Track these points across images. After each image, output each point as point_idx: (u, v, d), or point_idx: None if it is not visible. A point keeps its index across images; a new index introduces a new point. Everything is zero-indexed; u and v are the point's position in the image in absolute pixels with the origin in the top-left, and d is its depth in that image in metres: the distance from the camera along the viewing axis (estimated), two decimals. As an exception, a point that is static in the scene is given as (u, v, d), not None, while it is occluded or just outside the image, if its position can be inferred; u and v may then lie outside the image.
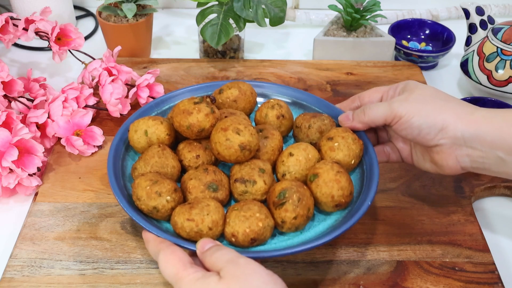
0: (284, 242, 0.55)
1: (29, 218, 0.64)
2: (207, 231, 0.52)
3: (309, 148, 0.60)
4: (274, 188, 0.56)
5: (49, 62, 0.95)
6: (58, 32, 0.81)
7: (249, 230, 0.52)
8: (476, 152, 0.54)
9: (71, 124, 0.73)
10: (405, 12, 1.06)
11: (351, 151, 0.60)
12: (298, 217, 0.54)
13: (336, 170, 0.56)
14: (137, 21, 0.89)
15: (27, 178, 0.66)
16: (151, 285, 0.57)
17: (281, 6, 0.85)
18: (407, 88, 0.60)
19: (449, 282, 0.58)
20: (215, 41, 0.84)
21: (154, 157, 0.58)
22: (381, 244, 0.62)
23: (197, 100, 0.59)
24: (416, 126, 0.56)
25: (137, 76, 0.81)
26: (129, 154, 0.64)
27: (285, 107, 0.66)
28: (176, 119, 0.59)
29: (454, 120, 0.55)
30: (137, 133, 0.61)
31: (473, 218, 0.65)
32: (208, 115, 0.58)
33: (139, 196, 0.54)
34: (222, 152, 0.57)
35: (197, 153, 0.60)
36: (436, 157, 0.57)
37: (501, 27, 0.83)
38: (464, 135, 0.54)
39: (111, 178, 0.58)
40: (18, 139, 0.65)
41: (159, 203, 0.54)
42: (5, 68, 0.75)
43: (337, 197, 0.55)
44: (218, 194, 0.56)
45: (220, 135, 0.56)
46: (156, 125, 0.61)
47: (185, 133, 0.59)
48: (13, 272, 0.58)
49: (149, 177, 0.55)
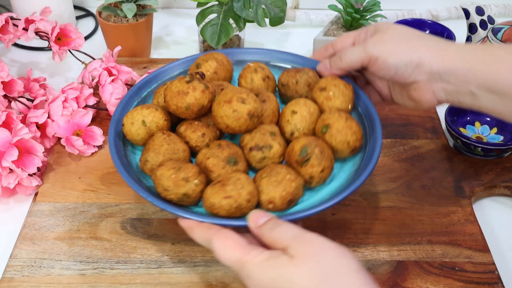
0: (314, 197, 0.56)
1: (29, 218, 0.64)
2: (246, 204, 0.51)
3: (308, 102, 0.60)
4: (292, 148, 0.56)
5: (49, 62, 0.95)
6: (58, 32, 0.81)
7: (285, 193, 0.52)
8: (450, 86, 0.56)
9: (71, 124, 0.73)
10: (405, 12, 1.06)
11: (346, 96, 0.61)
12: (324, 169, 0.55)
13: (345, 117, 0.58)
14: (137, 21, 0.89)
15: (27, 178, 0.66)
16: (151, 285, 0.57)
17: (281, 6, 0.85)
18: (379, 29, 0.60)
19: (449, 282, 0.58)
20: (215, 41, 0.84)
21: (163, 145, 0.56)
22: (381, 244, 0.62)
23: (188, 79, 0.57)
24: (392, 65, 0.57)
25: (137, 76, 0.81)
26: (128, 148, 0.61)
27: (266, 68, 0.66)
28: (172, 102, 0.57)
29: (429, 56, 0.56)
30: (135, 125, 0.59)
31: (473, 218, 0.65)
32: (204, 91, 0.57)
33: (166, 187, 0.52)
34: (231, 124, 0.56)
35: (201, 132, 0.59)
36: (414, 94, 0.59)
37: (501, 27, 0.83)
38: (439, 70, 0.56)
39: (128, 178, 0.54)
40: (18, 139, 0.65)
41: (189, 188, 0.52)
42: (5, 68, 0.75)
43: (352, 142, 0.57)
44: (239, 166, 0.56)
45: (226, 108, 0.55)
46: (152, 113, 0.59)
47: (184, 114, 0.58)
48: (13, 272, 0.58)
49: (170, 165, 0.53)
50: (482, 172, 0.71)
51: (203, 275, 0.58)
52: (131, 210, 0.65)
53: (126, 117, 0.60)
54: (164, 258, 0.60)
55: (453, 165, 0.72)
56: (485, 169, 0.71)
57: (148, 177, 0.58)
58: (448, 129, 0.74)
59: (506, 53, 0.53)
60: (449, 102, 0.58)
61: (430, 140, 0.76)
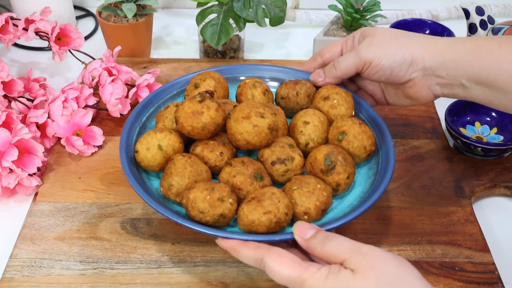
0: (342, 204, 0.57)
1: (29, 218, 0.64)
2: (284, 217, 0.51)
3: (316, 112, 0.61)
4: (315, 157, 0.56)
5: (49, 62, 0.95)
6: (58, 32, 0.81)
7: (319, 203, 0.53)
8: (443, 80, 0.57)
9: (71, 124, 0.73)
10: (405, 12, 1.06)
11: (349, 103, 0.63)
12: (350, 175, 0.56)
13: (358, 123, 0.59)
14: (137, 21, 0.89)
15: (27, 178, 0.66)
16: (151, 285, 0.57)
17: (281, 6, 0.85)
18: (366, 34, 0.61)
19: (449, 282, 0.58)
20: (215, 41, 0.84)
21: (187, 168, 0.55)
22: (381, 244, 0.62)
23: (200, 99, 0.57)
24: (387, 66, 0.58)
25: (137, 76, 0.81)
26: (142, 175, 0.59)
27: (263, 82, 0.67)
28: (187, 123, 0.56)
29: (421, 52, 0.57)
30: (150, 150, 0.57)
31: (473, 218, 0.65)
32: (218, 110, 0.57)
33: (202, 209, 0.51)
34: (252, 139, 0.56)
35: (219, 151, 0.58)
36: (410, 92, 0.60)
37: (501, 27, 0.83)
38: (431, 65, 0.57)
39: (159, 207, 0.53)
40: (18, 139, 0.65)
41: (225, 208, 0.51)
42: (5, 68, 0.75)
43: (368, 147, 0.59)
44: (265, 181, 0.56)
45: (245, 124, 0.55)
46: (167, 136, 0.57)
47: (200, 134, 0.57)
48: (13, 272, 0.58)
49: (203, 187, 0.52)
50: (482, 172, 0.71)
51: (203, 275, 0.58)
52: (131, 210, 0.65)
53: (139, 143, 0.58)
54: (164, 258, 0.60)
55: (453, 165, 0.72)
56: (485, 169, 0.71)
57: (171, 202, 0.57)
58: (448, 129, 0.74)
59: (491, 45, 0.54)
60: (444, 96, 0.59)
61: (430, 140, 0.76)
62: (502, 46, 0.53)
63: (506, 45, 0.53)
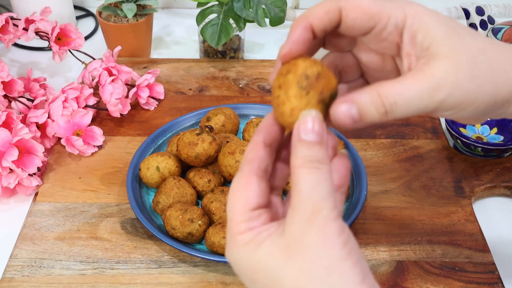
0: None
1: (29, 218, 0.64)
2: None
3: None
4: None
5: (49, 62, 0.95)
6: (58, 32, 0.81)
7: None
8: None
9: (71, 124, 0.73)
10: (405, 12, 1.06)
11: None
12: None
13: None
14: (137, 21, 0.89)
15: (27, 178, 0.66)
16: (151, 285, 0.57)
17: (281, 6, 0.85)
18: (431, 48, 0.36)
19: (449, 282, 0.58)
20: (215, 41, 0.84)
21: (174, 189, 0.63)
22: (381, 244, 0.62)
23: (198, 132, 0.65)
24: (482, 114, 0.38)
25: (137, 76, 0.81)
26: (143, 190, 0.67)
27: None
28: (184, 151, 0.64)
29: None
30: (150, 170, 0.65)
31: (473, 218, 0.65)
32: (211, 143, 0.64)
33: (174, 226, 0.59)
34: (234, 173, 0.63)
35: (208, 178, 0.65)
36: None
37: (501, 27, 0.83)
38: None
39: (144, 220, 0.60)
40: (18, 139, 0.65)
41: (193, 228, 0.59)
42: (5, 68, 0.74)
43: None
44: None
45: (229, 158, 0.63)
46: (165, 160, 0.65)
47: (193, 162, 0.65)
48: (13, 272, 0.58)
49: (178, 207, 0.60)
50: (482, 172, 0.71)
51: (203, 275, 0.58)
52: (131, 210, 0.65)
53: (142, 162, 0.66)
54: (164, 258, 0.60)
55: (453, 165, 0.72)
56: (485, 169, 0.71)
57: (159, 216, 0.64)
58: (448, 129, 0.74)
59: None
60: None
61: (430, 140, 0.76)
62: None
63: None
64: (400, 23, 0.36)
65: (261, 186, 0.35)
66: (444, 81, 0.34)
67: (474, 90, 0.35)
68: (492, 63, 0.36)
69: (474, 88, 0.35)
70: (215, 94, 0.84)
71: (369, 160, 0.72)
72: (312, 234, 0.32)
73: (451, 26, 0.36)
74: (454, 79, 0.34)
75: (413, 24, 0.35)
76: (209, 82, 0.87)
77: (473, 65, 0.35)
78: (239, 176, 0.36)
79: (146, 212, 0.63)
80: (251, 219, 0.34)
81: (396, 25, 0.36)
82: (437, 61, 0.35)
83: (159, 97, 0.82)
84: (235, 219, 0.35)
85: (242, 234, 0.34)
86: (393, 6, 0.36)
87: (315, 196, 0.32)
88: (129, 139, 0.76)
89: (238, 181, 0.36)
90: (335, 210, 0.33)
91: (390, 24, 0.36)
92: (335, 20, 0.37)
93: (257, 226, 0.34)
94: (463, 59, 0.35)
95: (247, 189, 0.35)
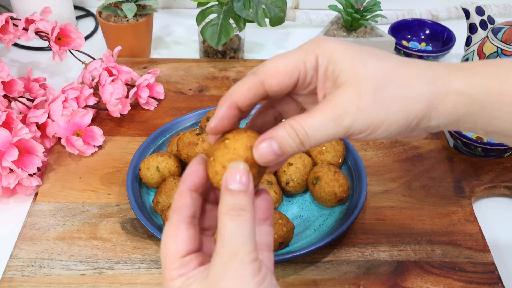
0: (302, 241, 0.61)
1: (29, 218, 0.64)
2: None
3: (303, 156, 0.67)
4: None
5: (49, 62, 0.95)
6: (58, 32, 0.81)
7: (276, 236, 0.57)
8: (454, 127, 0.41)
9: (71, 124, 0.73)
10: (405, 12, 1.06)
11: (337, 151, 0.68)
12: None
13: (333, 171, 0.64)
14: (137, 21, 0.89)
15: (27, 178, 0.66)
16: (151, 285, 0.57)
17: (281, 6, 0.85)
18: (340, 76, 0.38)
19: (449, 282, 0.58)
20: (215, 41, 0.84)
21: (174, 189, 0.62)
22: (381, 244, 0.62)
23: (198, 132, 0.65)
24: (385, 137, 0.39)
25: (137, 76, 0.81)
26: (143, 190, 0.67)
27: None
28: (184, 151, 0.65)
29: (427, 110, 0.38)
30: (150, 170, 0.65)
31: (473, 218, 0.65)
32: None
33: None
34: None
35: None
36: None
37: (501, 27, 0.83)
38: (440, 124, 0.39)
39: (144, 220, 0.60)
40: (18, 139, 0.65)
41: None
42: (5, 68, 0.74)
43: (339, 194, 0.63)
44: None
45: None
46: (165, 160, 0.65)
47: None
48: (13, 272, 0.58)
49: None
50: (482, 172, 0.71)
51: (203, 275, 0.58)
52: (131, 210, 0.65)
53: (142, 162, 0.66)
54: (164, 258, 0.60)
55: (453, 165, 0.72)
56: (485, 169, 0.71)
57: (159, 216, 0.63)
58: (448, 129, 0.74)
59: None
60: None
61: (430, 140, 0.76)
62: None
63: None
64: (315, 64, 0.38)
65: (189, 232, 0.37)
66: (348, 108, 0.36)
67: (380, 112, 0.36)
68: (399, 82, 0.37)
69: (379, 110, 0.36)
70: (215, 94, 0.84)
71: (369, 160, 0.72)
72: (228, 277, 0.34)
73: (358, 54, 0.38)
74: (357, 105, 0.36)
75: (323, 61, 0.38)
76: (209, 82, 0.87)
77: (376, 88, 0.36)
78: (169, 225, 0.38)
79: (146, 212, 0.63)
80: (182, 266, 0.36)
81: (313, 67, 0.38)
82: (341, 90, 0.37)
83: (159, 97, 0.82)
84: (168, 266, 0.37)
85: (174, 280, 0.36)
86: (304, 51, 0.38)
87: (233, 241, 0.34)
88: (129, 139, 0.76)
89: (168, 230, 0.38)
90: (252, 253, 0.34)
91: (309, 69, 0.38)
92: (260, 93, 0.38)
93: (187, 272, 0.36)
94: (366, 84, 0.36)
95: (176, 238, 0.37)
